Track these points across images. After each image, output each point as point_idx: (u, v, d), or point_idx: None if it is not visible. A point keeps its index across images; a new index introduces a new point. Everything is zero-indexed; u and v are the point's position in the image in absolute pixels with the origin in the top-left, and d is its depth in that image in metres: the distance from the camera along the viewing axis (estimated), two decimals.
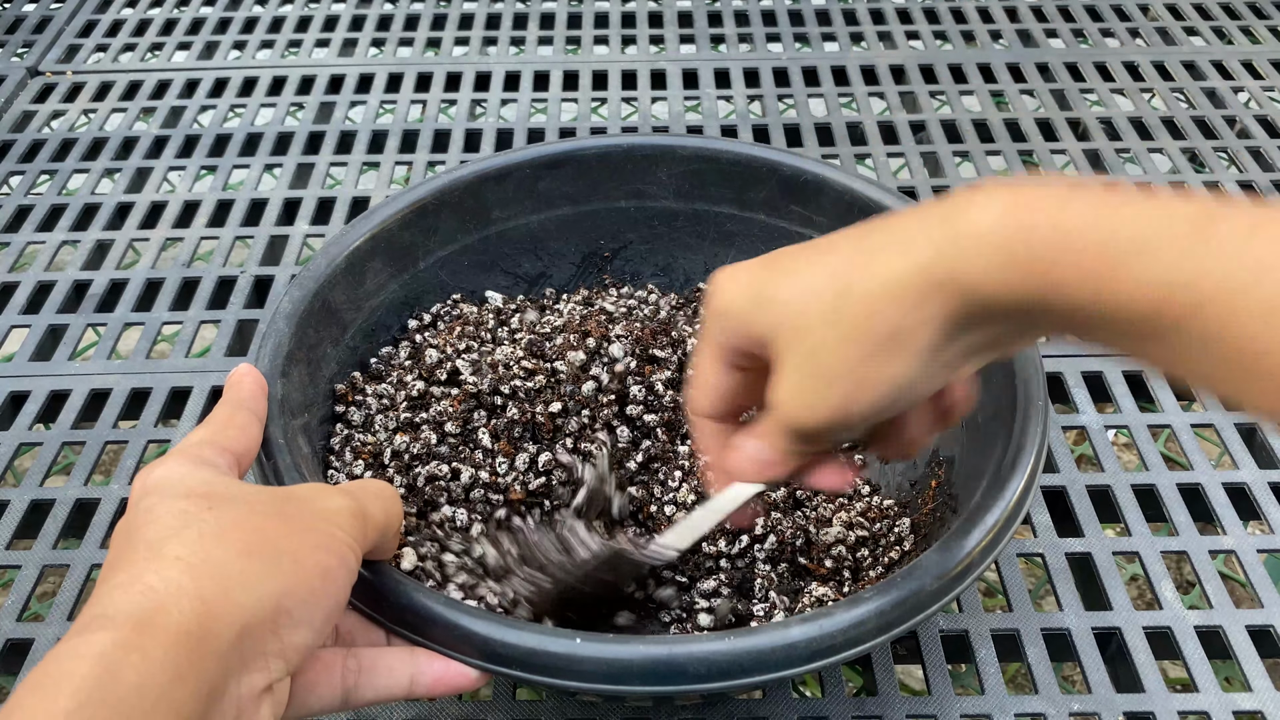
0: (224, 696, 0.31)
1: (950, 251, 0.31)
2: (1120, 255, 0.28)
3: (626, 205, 0.60)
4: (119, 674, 0.28)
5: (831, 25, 0.96)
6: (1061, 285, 0.29)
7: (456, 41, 0.95)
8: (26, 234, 0.75)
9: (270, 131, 0.84)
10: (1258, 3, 0.98)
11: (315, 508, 0.36)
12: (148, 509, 0.34)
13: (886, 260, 0.32)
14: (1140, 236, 0.28)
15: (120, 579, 0.31)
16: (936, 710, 0.47)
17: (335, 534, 0.35)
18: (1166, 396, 0.62)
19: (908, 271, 0.32)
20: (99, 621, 0.30)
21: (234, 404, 0.41)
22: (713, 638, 0.37)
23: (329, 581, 0.34)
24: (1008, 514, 0.40)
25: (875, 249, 0.33)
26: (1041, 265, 0.29)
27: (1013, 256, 0.30)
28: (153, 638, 0.29)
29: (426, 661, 0.38)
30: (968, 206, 0.31)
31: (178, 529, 0.33)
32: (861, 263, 0.33)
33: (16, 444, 0.60)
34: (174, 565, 0.31)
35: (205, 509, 0.34)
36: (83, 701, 0.27)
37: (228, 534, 0.33)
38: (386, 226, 0.54)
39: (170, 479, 0.35)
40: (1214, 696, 0.47)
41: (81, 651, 0.29)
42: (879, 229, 0.34)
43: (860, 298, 0.33)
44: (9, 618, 0.51)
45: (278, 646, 0.32)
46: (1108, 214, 0.29)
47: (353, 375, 0.53)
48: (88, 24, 0.98)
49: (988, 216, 0.30)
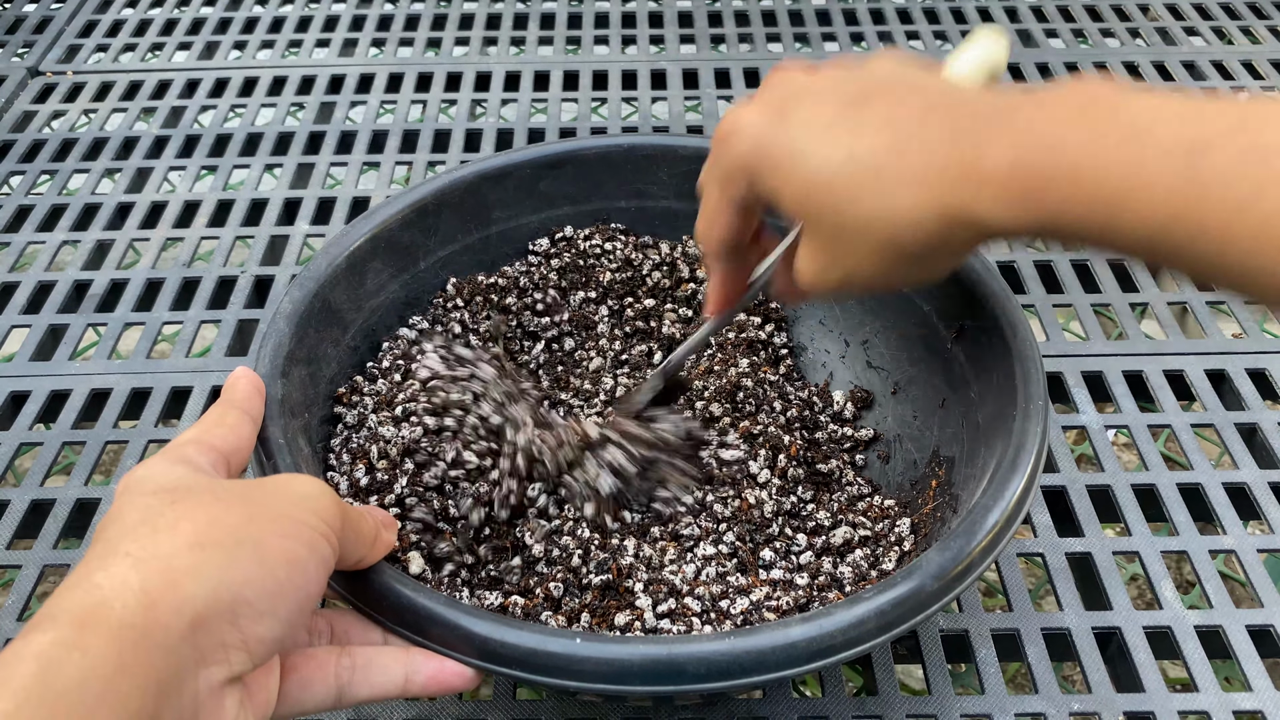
0: (179, 690, 0.30)
1: (967, 194, 0.34)
2: (1122, 194, 0.31)
3: (627, 205, 0.60)
4: (59, 671, 0.28)
5: (831, 25, 0.96)
6: (1067, 219, 0.33)
7: (457, 41, 0.95)
8: (27, 234, 0.75)
9: (270, 131, 0.84)
10: (1258, 3, 0.98)
11: (285, 493, 0.35)
12: (117, 509, 0.34)
13: (911, 196, 0.35)
14: (1137, 175, 0.31)
15: (72, 579, 0.31)
16: (936, 710, 0.47)
17: (305, 520, 0.35)
18: (1166, 397, 0.62)
19: (933, 211, 0.35)
20: (44, 622, 0.29)
21: (226, 404, 0.41)
22: (713, 638, 0.37)
23: (296, 570, 0.34)
24: (1008, 514, 0.40)
25: (896, 178, 0.36)
26: (1049, 204, 0.33)
27: (1024, 198, 0.33)
28: (94, 633, 0.29)
29: (422, 660, 0.38)
30: (982, 156, 0.34)
31: (134, 525, 0.32)
32: (885, 190, 0.36)
33: (17, 444, 0.60)
34: (122, 561, 0.31)
35: (167, 503, 0.33)
36: (21, 702, 0.27)
37: (180, 526, 0.32)
38: (387, 226, 0.54)
39: (145, 477, 0.35)
40: (1214, 696, 0.47)
41: (23, 652, 0.28)
42: (895, 134, 0.36)
43: (886, 226, 0.36)
44: (9, 618, 0.51)
45: (238, 638, 0.32)
46: (1108, 151, 0.31)
47: (354, 379, 0.52)
48: (88, 24, 0.98)
49: (1000, 164, 0.33)
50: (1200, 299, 0.68)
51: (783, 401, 0.54)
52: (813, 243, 0.39)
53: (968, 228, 0.35)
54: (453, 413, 0.48)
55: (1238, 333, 0.67)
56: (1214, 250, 0.30)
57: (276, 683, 0.35)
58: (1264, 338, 0.65)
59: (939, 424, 0.51)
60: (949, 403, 0.51)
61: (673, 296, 0.59)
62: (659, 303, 0.59)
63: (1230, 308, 0.68)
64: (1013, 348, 0.46)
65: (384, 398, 0.50)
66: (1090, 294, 0.69)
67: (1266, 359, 0.64)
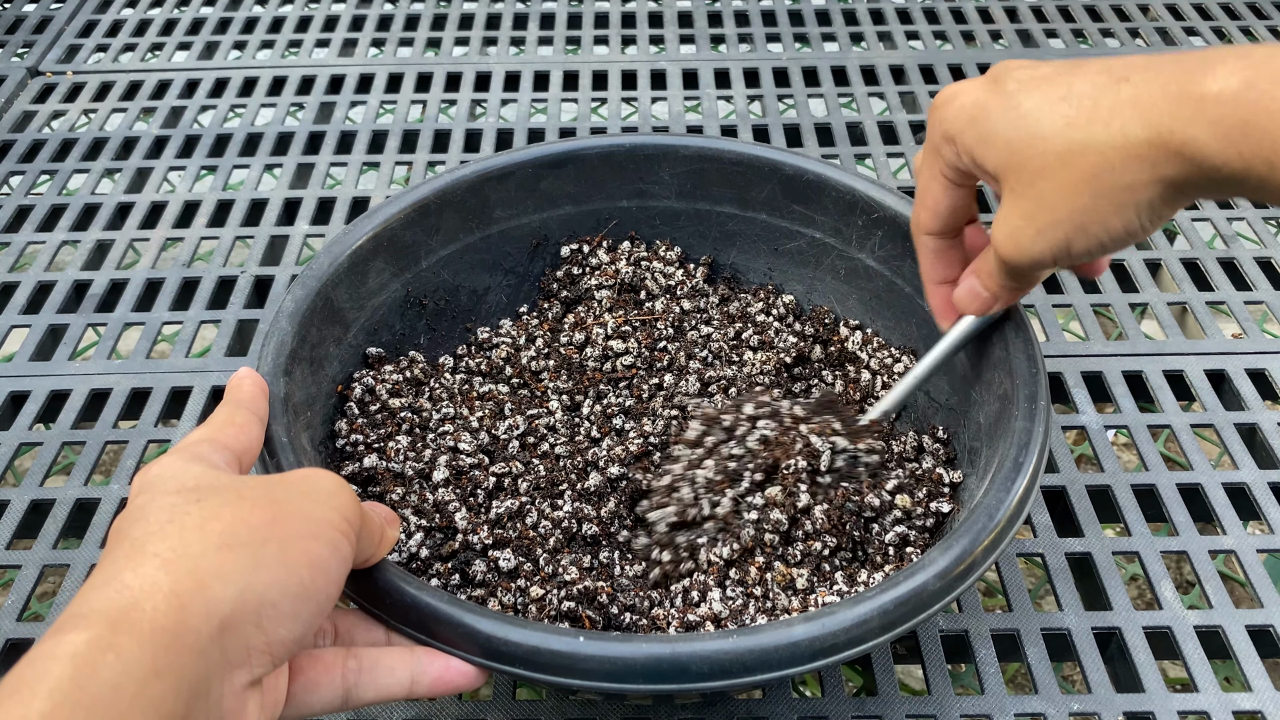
0: (207, 694, 0.30)
1: (1187, 118, 0.32)
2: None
3: (629, 205, 0.60)
4: (95, 673, 0.28)
5: (831, 25, 0.96)
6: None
7: (456, 41, 0.95)
8: (27, 234, 0.75)
9: (270, 131, 0.84)
10: (1258, 3, 0.98)
11: (308, 490, 0.35)
12: (139, 507, 0.34)
13: (1124, 120, 0.34)
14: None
15: (99, 578, 0.31)
16: (936, 710, 0.47)
17: (328, 518, 0.35)
18: (1166, 397, 0.62)
19: (1145, 135, 0.33)
20: (74, 621, 0.29)
21: (234, 404, 0.41)
22: (716, 636, 0.37)
23: (318, 572, 0.34)
24: (1010, 514, 0.40)
25: (1112, 104, 0.34)
26: (1270, 140, 0.31)
27: (1244, 130, 0.31)
28: (128, 635, 0.29)
29: (427, 661, 0.38)
30: (1207, 73, 0.32)
31: (161, 524, 0.32)
32: (1100, 117, 0.34)
33: (16, 444, 0.60)
34: (151, 561, 0.31)
35: (193, 502, 0.33)
36: (59, 702, 0.27)
37: (209, 526, 0.32)
38: (389, 225, 0.54)
39: (164, 475, 0.35)
40: (1214, 696, 0.47)
41: (56, 652, 0.28)
42: (1112, 73, 0.35)
43: (1095, 152, 0.34)
44: (9, 618, 0.51)
45: (262, 641, 0.32)
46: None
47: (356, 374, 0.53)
48: (88, 24, 0.98)
49: (1228, 87, 0.32)
50: (1200, 299, 0.68)
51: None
52: (1012, 200, 0.37)
53: (1177, 160, 0.33)
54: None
55: (1237, 333, 0.67)
56: None
57: (285, 684, 0.35)
58: (1264, 338, 0.66)
59: (940, 424, 0.52)
60: (950, 402, 0.51)
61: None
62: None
63: (1230, 308, 0.68)
64: (1014, 348, 0.46)
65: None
66: (1090, 294, 0.69)
67: (1266, 359, 0.64)
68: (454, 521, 0.46)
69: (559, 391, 0.55)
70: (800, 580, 0.45)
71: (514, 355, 0.56)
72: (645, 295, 0.59)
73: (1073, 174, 0.35)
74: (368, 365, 0.54)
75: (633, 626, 0.44)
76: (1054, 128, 0.35)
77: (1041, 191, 0.36)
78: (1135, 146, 0.34)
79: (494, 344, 0.57)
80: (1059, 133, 0.35)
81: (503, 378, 0.56)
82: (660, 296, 0.59)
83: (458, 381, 0.55)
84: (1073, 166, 0.35)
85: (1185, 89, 0.33)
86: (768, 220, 0.59)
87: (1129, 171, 0.34)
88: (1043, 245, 0.37)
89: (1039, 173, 0.36)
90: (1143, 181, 0.34)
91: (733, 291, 0.60)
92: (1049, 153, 0.36)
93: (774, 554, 0.46)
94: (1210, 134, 0.32)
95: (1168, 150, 0.33)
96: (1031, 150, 0.36)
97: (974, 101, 0.38)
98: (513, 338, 0.58)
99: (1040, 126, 0.36)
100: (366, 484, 0.49)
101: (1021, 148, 0.36)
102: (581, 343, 0.57)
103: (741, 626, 0.43)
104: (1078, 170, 0.35)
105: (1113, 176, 0.35)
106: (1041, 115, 0.36)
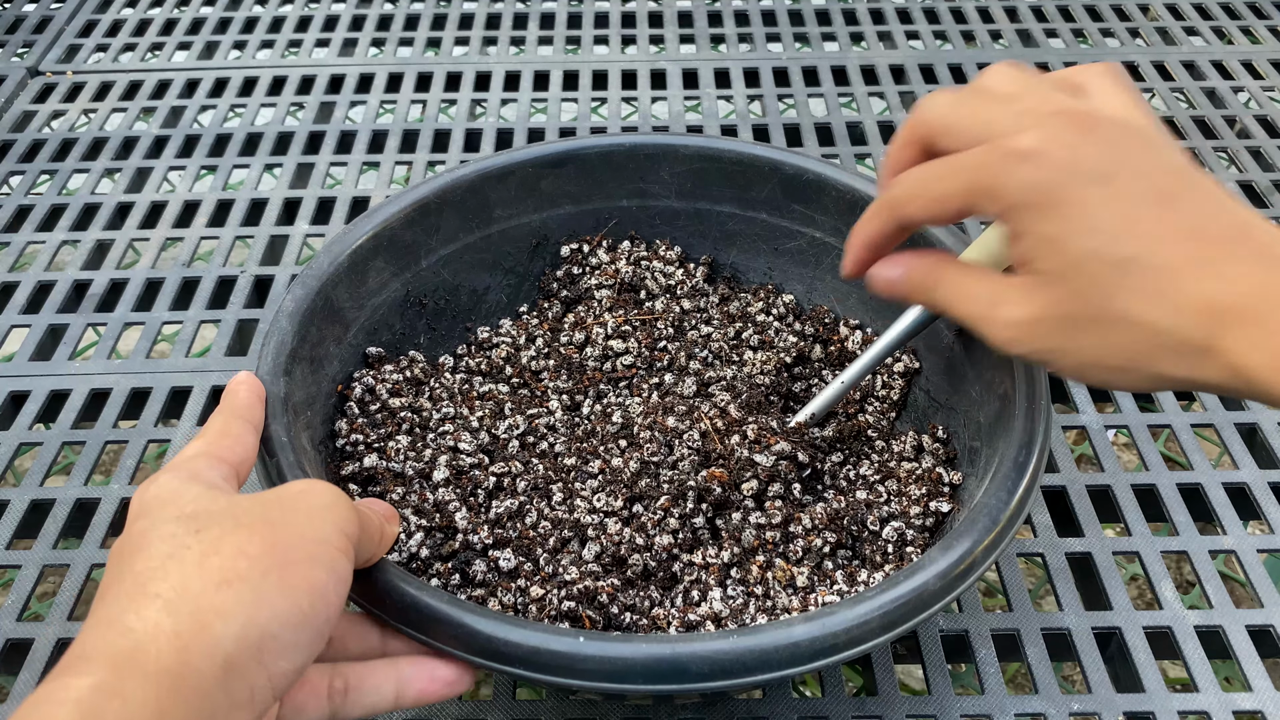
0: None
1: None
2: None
3: (629, 204, 0.60)
4: (100, 718, 0.28)
5: (831, 25, 0.96)
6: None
7: (456, 41, 0.95)
8: (26, 234, 0.75)
9: (270, 131, 0.84)
10: (1258, 3, 0.98)
11: (304, 508, 0.35)
12: (140, 533, 0.34)
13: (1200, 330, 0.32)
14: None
15: (102, 616, 0.31)
16: (936, 710, 0.47)
17: (327, 537, 0.35)
18: (1166, 396, 0.62)
19: (1218, 363, 0.32)
20: (78, 664, 0.29)
21: (229, 413, 0.41)
22: (716, 636, 0.37)
23: (319, 599, 0.33)
24: (1010, 514, 0.40)
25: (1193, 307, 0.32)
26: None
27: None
28: (132, 679, 0.29)
29: (411, 673, 0.38)
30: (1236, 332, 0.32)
31: (162, 560, 0.32)
32: (1178, 312, 0.33)
33: (16, 444, 0.60)
34: (153, 603, 0.31)
35: (192, 533, 0.33)
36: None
37: (208, 562, 0.32)
38: (389, 225, 0.54)
39: (163, 497, 0.35)
40: (1214, 696, 0.47)
41: (61, 697, 0.28)
42: (1204, 247, 0.33)
43: (1157, 344, 0.33)
44: (9, 618, 0.51)
45: (264, 676, 0.32)
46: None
47: (356, 374, 0.53)
48: (88, 24, 0.98)
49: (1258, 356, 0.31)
50: None
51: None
52: (1040, 297, 0.35)
53: (1228, 372, 0.32)
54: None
55: None
56: None
57: (275, 710, 0.36)
58: None
59: (940, 423, 0.52)
60: (951, 401, 0.51)
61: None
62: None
63: None
64: None
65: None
66: None
67: None
68: (454, 521, 0.46)
69: (559, 391, 0.55)
70: (801, 578, 0.45)
71: (514, 355, 0.56)
72: (645, 295, 0.59)
73: (1127, 336, 0.34)
74: (368, 365, 0.54)
75: (633, 626, 0.44)
76: (1130, 286, 0.33)
77: (1089, 324, 0.34)
78: (1204, 369, 0.33)
79: (494, 344, 0.57)
80: (1135, 294, 0.33)
81: (503, 377, 0.56)
82: (660, 296, 0.59)
83: (458, 381, 0.55)
84: (1133, 331, 0.33)
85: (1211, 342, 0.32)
86: (768, 220, 0.59)
87: (1180, 377, 0.34)
88: (1038, 349, 0.36)
89: (1092, 311, 0.34)
90: (1178, 379, 0.34)
91: (733, 291, 0.60)
92: (1113, 306, 0.33)
93: (775, 551, 0.46)
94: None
95: (1220, 364, 0.32)
96: (1098, 283, 0.33)
97: (1061, 180, 0.34)
98: (513, 337, 0.58)
99: (1121, 269, 0.33)
100: (366, 484, 0.49)
101: (1091, 275, 0.33)
102: (581, 342, 0.57)
103: (742, 626, 0.43)
104: (1135, 342, 0.33)
105: (1153, 359, 0.34)
106: (1126, 261, 0.33)
